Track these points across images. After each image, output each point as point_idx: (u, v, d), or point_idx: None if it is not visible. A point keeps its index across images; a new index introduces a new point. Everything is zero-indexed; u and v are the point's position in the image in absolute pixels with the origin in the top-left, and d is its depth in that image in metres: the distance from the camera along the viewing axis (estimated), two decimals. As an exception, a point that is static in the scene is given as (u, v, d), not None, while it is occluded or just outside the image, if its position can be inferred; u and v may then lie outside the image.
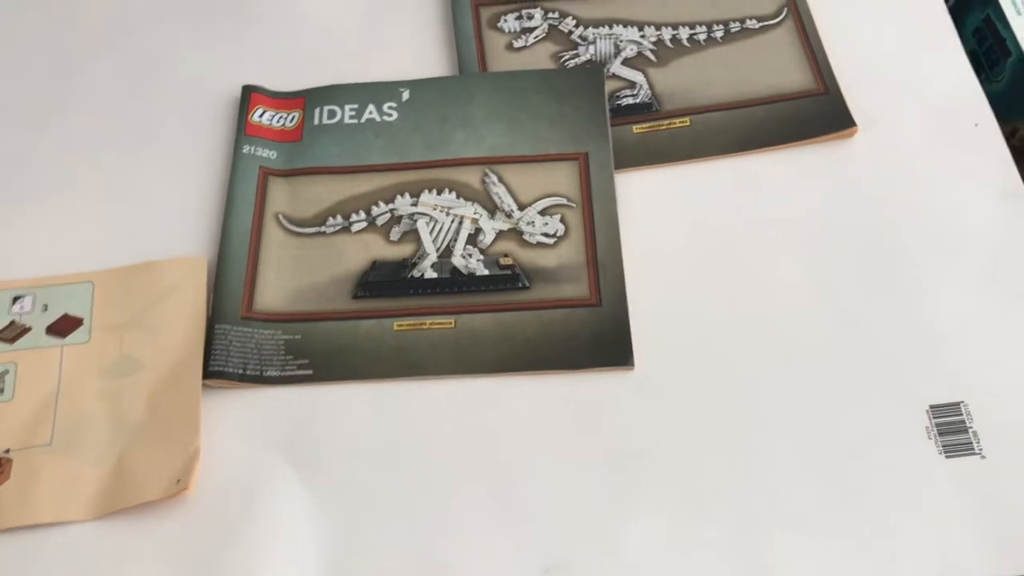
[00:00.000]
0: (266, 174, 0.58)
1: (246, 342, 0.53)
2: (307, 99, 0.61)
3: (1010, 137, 0.60)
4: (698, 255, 0.55)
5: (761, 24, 0.63)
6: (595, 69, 0.61)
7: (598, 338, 0.52)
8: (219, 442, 0.50)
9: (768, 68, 0.61)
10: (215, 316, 0.53)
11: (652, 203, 0.57)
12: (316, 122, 0.60)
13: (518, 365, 0.52)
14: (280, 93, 0.62)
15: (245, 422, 0.51)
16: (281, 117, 0.61)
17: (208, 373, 0.51)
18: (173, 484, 0.47)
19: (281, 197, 0.58)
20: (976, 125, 0.58)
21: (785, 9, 0.64)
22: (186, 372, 0.51)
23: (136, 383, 0.51)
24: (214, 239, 0.56)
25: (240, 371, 0.52)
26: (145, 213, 0.58)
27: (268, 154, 0.59)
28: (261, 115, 0.61)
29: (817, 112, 0.59)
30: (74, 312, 0.53)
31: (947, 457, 0.47)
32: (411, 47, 0.64)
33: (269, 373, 0.52)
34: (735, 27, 0.63)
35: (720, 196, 0.57)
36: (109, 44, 0.65)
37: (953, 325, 0.51)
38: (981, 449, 0.47)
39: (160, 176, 0.59)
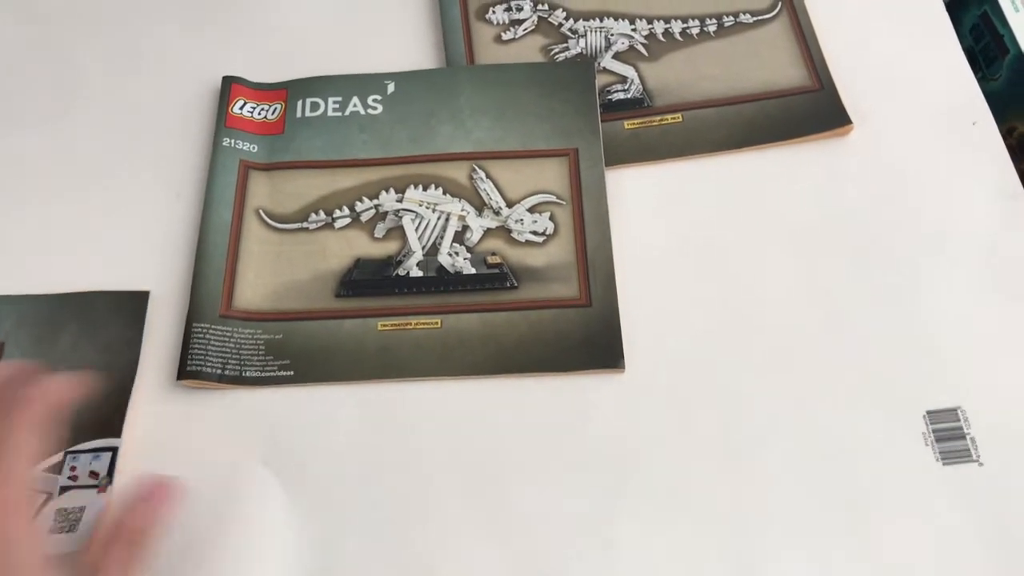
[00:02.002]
0: (247, 168, 0.57)
1: (225, 341, 0.51)
2: (289, 91, 0.60)
3: (1007, 136, 0.59)
4: (690, 255, 0.53)
5: (755, 18, 0.62)
6: (586, 63, 0.60)
7: (588, 339, 0.51)
8: (197, 445, 0.49)
9: (762, 63, 0.60)
10: (192, 314, 0.51)
11: (643, 201, 0.55)
12: (299, 115, 0.59)
13: (506, 366, 0.50)
14: (262, 84, 0.60)
15: (224, 424, 0.49)
16: (263, 109, 0.59)
17: (185, 373, 0.50)
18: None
19: (262, 192, 0.56)
20: (974, 124, 0.57)
21: (780, 3, 0.63)
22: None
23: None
24: (193, 234, 0.55)
25: (219, 371, 0.50)
26: (119, 208, 0.56)
27: (249, 147, 0.57)
28: (242, 107, 0.59)
29: (811, 109, 0.58)
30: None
31: (944, 464, 0.46)
32: (397, 38, 0.62)
33: (249, 374, 0.50)
34: (728, 21, 0.62)
35: (713, 195, 0.55)
36: (85, 35, 0.63)
37: (950, 328, 0.50)
38: (979, 456, 0.46)
39: (136, 170, 0.57)
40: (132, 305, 0.52)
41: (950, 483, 0.46)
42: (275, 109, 0.59)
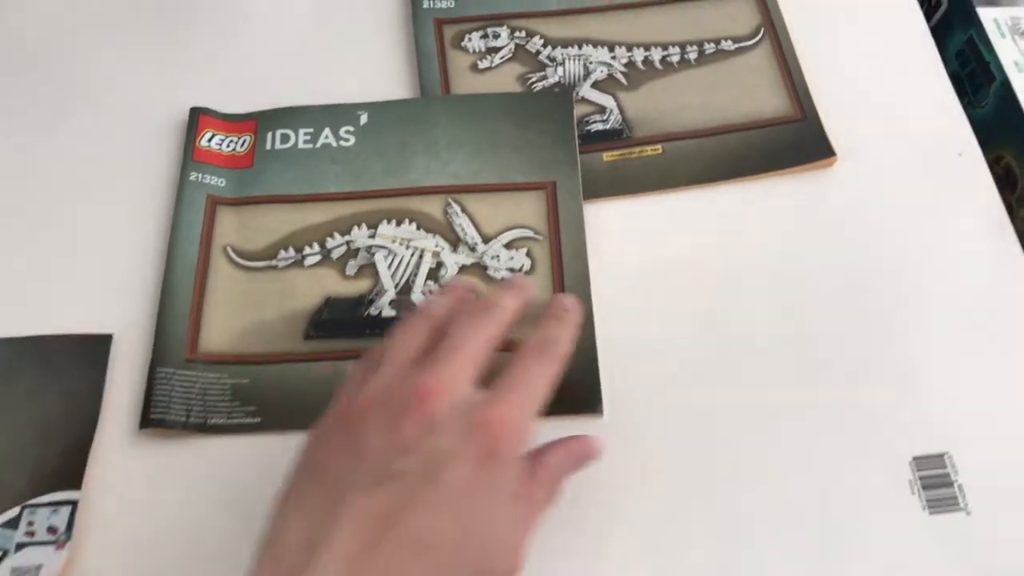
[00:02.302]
0: (214, 203, 0.55)
1: (189, 387, 0.49)
2: (259, 122, 0.58)
3: (994, 165, 0.58)
4: (670, 293, 0.52)
5: (736, 45, 0.61)
6: (564, 93, 0.59)
7: (565, 382, 0.49)
8: (160, 496, 0.47)
9: (744, 92, 0.59)
10: (156, 359, 0.50)
11: (623, 237, 0.54)
12: (268, 147, 0.57)
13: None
14: (231, 116, 0.58)
15: (189, 475, 0.47)
16: (231, 141, 0.57)
17: (148, 421, 0.48)
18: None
19: (230, 228, 0.54)
20: (960, 155, 0.56)
21: (762, 30, 0.61)
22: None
23: None
24: (158, 273, 0.53)
25: (183, 419, 0.48)
26: (81, 246, 0.54)
27: (217, 181, 0.55)
28: (210, 139, 0.57)
29: (794, 140, 0.57)
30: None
31: (931, 513, 0.45)
32: (370, 66, 0.61)
33: (214, 421, 0.49)
34: (710, 48, 0.61)
35: (694, 229, 0.54)
36: (47, 63, 0.61)
37: (937, 370, 0.49)
38: (967, 504, 0.45)
39: (99, 205, 0.56)
40: (94, 350, 0.51)
41: (937, 533, 0.45)
42: (244, 141, 0.57)
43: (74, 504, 0.46)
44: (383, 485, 0.35)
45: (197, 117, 0.58)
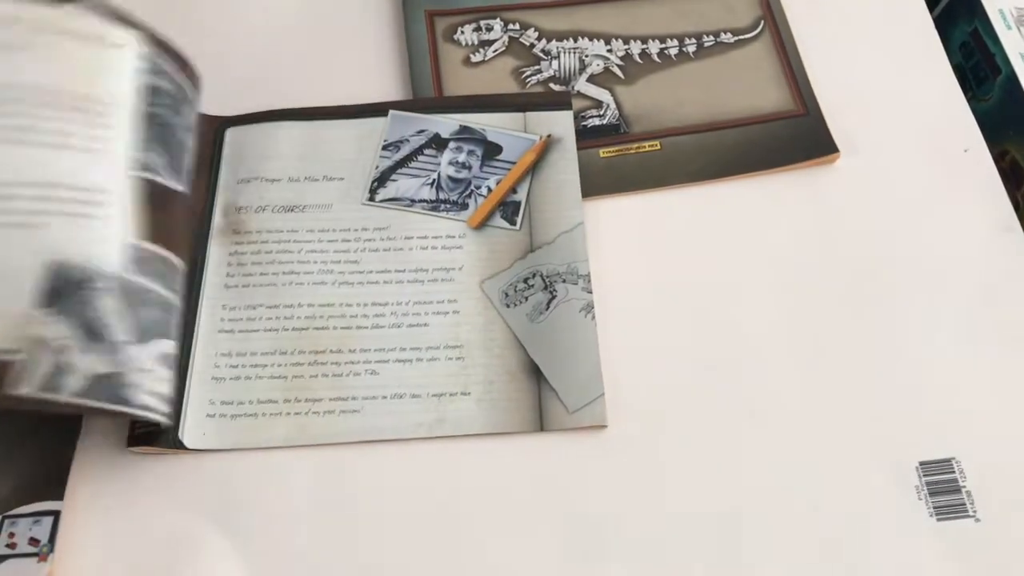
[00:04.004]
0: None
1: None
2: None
3: (999, 160, 0.57)
4: (670, 292, 0.50)
5: (736, 38, 0.59)
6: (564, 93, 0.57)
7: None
8: (145, 508, 0.46)
9: (744, 86, 0.57)
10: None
11: (621, 235, 0.52)
12: None
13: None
14: None
15: (176, 486, 0.46)
16: None
17: (134, 439, 0.46)
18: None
19: None
20: (965, 151, 0.54)
21: (762, 22, 0.60)
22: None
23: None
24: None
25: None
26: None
27: None
28: None
29: (796, 135, 0.55)
30: None
31: (939, 520, 0.44)
32: (358, 61, 0.59)
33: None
34: (708, 41, 0.59)
35: (693, 227, 0.53)
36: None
37: (943, 372, 0.48)
38: (975, 511, 0.44)
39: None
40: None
41: (944, 540, 0.43)
42: None
43: (57, 514, 0.45)
44: None
45: None
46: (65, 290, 0.41)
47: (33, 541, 0.44)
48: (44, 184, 0.42)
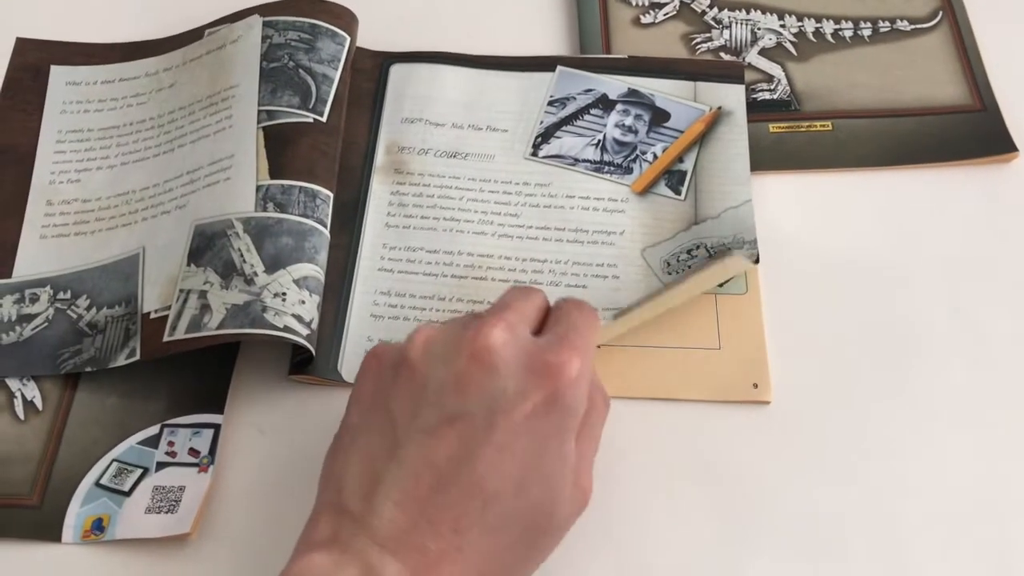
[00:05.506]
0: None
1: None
2: None
3: None
4: (832, 275, 0.50)
5: (913, 26, 0.58)
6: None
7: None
8: (305, 432, 0.46)
9: (918, 76, 0.56)
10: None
11: (789, 213, 0.51)
12: None
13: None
14: None
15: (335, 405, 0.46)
16: None
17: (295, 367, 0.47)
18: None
19: None
20: None
21: (940, 13, 0.58)
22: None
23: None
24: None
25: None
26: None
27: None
28: None
29: (972, 131, 0.54)
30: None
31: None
32: (524, 13, 0.59)
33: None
34: (884, 27, 0.58)
35: (861, 213, 0.52)
36: None
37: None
38: None
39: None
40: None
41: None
42: None
43: (217, 427, 0.45)
44: (448, 427, 0.35)
45: None
46: (205, 245, 0.47)
47: (193, 452, 0.45)
48: (190, 172, 0.51)
